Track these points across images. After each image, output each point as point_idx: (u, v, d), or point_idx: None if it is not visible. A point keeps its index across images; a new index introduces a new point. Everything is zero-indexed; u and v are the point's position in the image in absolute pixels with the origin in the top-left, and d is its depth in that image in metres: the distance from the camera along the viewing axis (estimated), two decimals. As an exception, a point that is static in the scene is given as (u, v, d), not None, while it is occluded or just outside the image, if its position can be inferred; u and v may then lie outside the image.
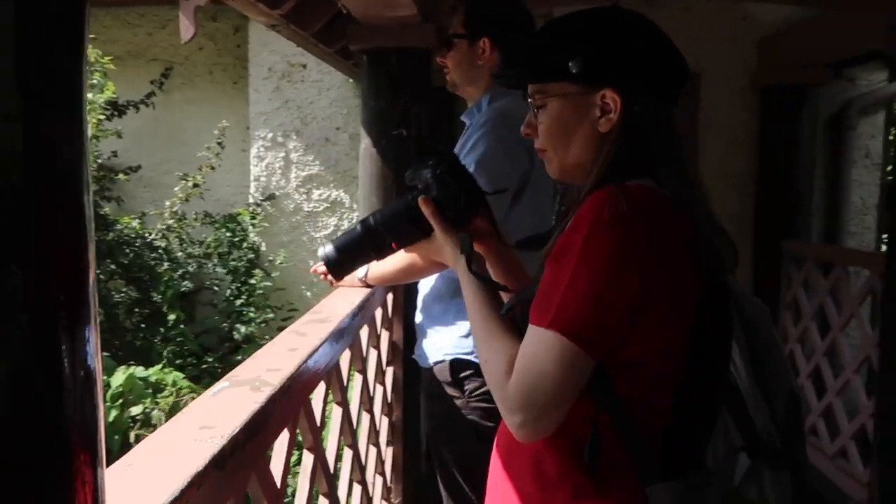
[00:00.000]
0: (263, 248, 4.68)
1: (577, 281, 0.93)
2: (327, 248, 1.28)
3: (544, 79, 1.06)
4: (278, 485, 1.27)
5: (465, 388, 1.93)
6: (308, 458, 1.54)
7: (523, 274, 1.30)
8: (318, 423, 1.60)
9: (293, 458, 1.61)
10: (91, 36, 3.06)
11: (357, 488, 2.09)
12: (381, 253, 1.26)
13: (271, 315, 4.51)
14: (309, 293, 4.61)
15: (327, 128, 4.56)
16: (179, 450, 0.84)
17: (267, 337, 4.33)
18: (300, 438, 1.55)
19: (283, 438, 1.37)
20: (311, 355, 1.33)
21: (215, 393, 1.09)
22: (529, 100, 1.09)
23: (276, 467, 1.30)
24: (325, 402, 1.67)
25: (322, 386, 1.69)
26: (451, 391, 1.95)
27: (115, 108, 4.56)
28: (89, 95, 4.33)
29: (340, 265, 1.28)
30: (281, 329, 4.47)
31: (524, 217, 1.90)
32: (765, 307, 1.04)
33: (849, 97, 4.29)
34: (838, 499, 3.33)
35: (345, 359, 1.89)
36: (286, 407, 1.17)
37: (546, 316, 0.94)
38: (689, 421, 0.99)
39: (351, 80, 4.46)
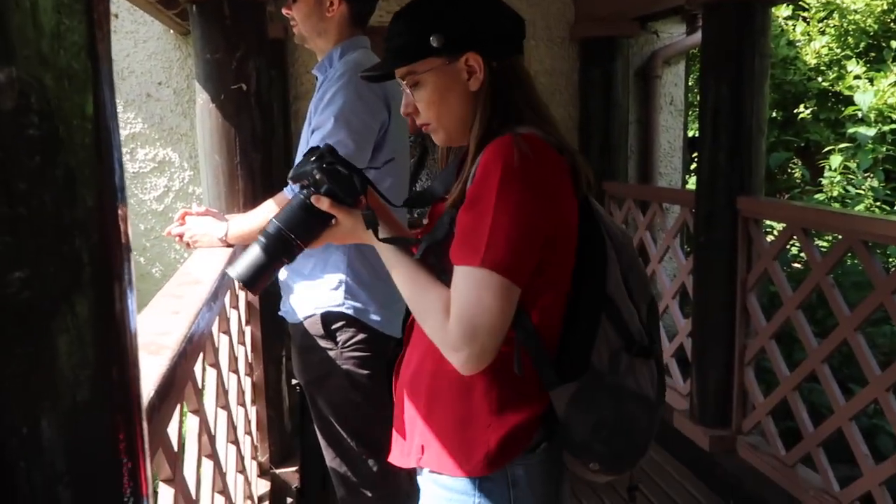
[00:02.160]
0: (84, 214, 4.36)
1: (499, 221, 1.07)
2: (238, 269, 1.26)
3: (411, 60, 1.19)
4: (175, 448, 1.26)
5: (338, 339, 1.96)
6: (194, 421, 1.53)
7: (405, 230, 1.44)
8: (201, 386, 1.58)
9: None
10: None
11: (232, 449, 2.09)
12: (292, 255, 1.28)
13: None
14: (142, 259, 4.37)
15: (148, 83, 4.28)
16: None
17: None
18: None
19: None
20: (197, 316, 1.31)
21: (113, 360, 1.05)
22: (402, 83, 1.23)
23: (172, 431, 1.29)
24: (204, 366, 1.64)
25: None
26: (323, 343, 1.98)
27: None
28: None
29: (256, 280, 1.28)
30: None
31: (386, 168, 1.94)
32: (626, 230, 1.24)
33: (654, 49, 4.66)
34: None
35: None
36: (185, 369, 1.15)
37: (476, 256, 1.07)
38: (577, 330, 1.16)
39: (171, 31, 4.21)
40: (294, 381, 2.42)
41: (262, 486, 2.60)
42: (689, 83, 5.33)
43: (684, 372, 3.68)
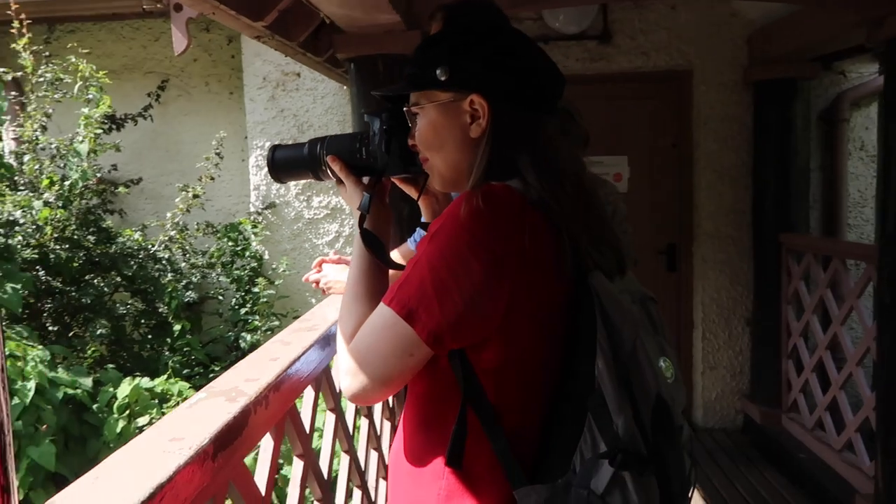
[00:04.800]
0: (266, 256, 4.71)
1: (419, 266, 1.00)
2: (276, 152, 1.32)
3: (416, 88, 1.12)
4: (263, 492, 1.29)
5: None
6: (298, 466, 1.57)
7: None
8: (308, 430, 1.62)
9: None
10: (85, 50, 3.04)
11: (357, 493, 2.11)
12: (318, 176, 1.30)
13: (276, 323, 4.53)
14: (313, 300, 4.63)
15: (324, 135, 4.58)
16: (146, 461, 0.87)
17: (269, 345, 4.34)
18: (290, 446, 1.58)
19: (268, 446, 1.40)
20: (291, 364, 1.36)
21: (192, 404, 1.11)
22: (405, 109, 1.15)
23: (263, 474, 1.33)
24: (315, 409, 1.69)
25: (311, 393, 1.72)
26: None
27: (113, 122, 4.59)
28: (84, 110, 4.36)
29: (281, 168, 1.34)
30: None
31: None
32: (633, 311, 1.03)
33: (841, 90, 4.29)
34: (845, 492, 3.33)
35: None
36: (264, 416, 1.19)
37: (389, 295, 1.02)
38: (557, 425, 1.02)
39: (345, 88, 4.49)
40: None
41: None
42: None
43: (871, 449, 3.27)
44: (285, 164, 1.32)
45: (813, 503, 3.52)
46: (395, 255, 2.01)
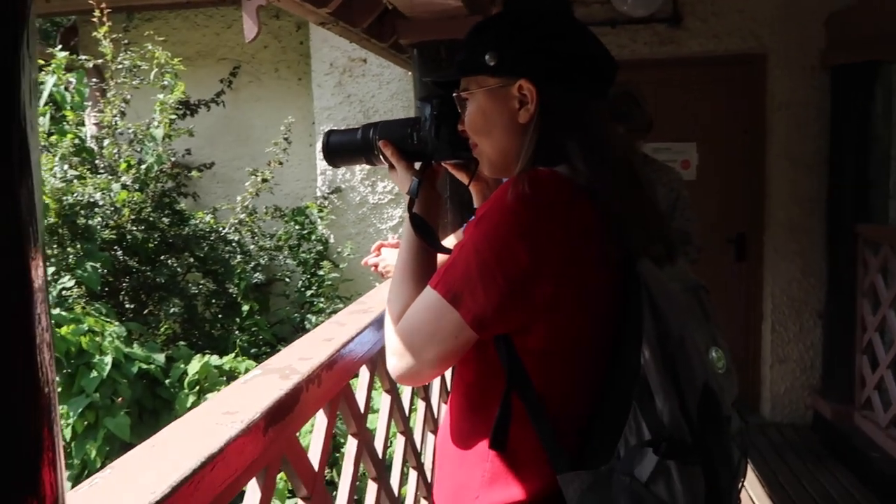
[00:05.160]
0: (332, 240, 4.80)
1: (466, 249, 1.01)
2: (330, 137, 1.35)
3: (465, 73, 1.13)
4: (316, 467, 1.33)
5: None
6: (352, 444, 1.60)
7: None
8: (363, 410, 1.66)
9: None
10: (161, 38, 3.16)
11: (413, 474, 2.14)
12: (371, 161, 1.33)
13: (340, 305, 4.61)
14: (377, 283, 4.69)
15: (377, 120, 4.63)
16: (201, 432, 0.91)
17: (333, 326, 4.44)
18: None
19: (323, 423, 1.44)
20: (345, 344, 1.39)
21: (246, 381, 1.15)
22: (454, 95, 1.16)
23: (317, 450, 1.37)
24: (370, 389, 1.72)
25: (366, 373, 1.75)
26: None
27: (187, 108, 4.75)
28: (160, 96, 4.52)
29: (335, 152, 1.37)
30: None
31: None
32: (681, 300, 1.01)
33: (929, 72, 4.08)
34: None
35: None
36: (317, 394, 1.22)
37: (436, 278, 1.04)
38: (601, 412, 1.02)
39: (409, 73, 4.51)
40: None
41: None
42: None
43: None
44: (339, 148, 1.35)
45: (885, 504, 3.40)
46: (452, 240, 2.03)
